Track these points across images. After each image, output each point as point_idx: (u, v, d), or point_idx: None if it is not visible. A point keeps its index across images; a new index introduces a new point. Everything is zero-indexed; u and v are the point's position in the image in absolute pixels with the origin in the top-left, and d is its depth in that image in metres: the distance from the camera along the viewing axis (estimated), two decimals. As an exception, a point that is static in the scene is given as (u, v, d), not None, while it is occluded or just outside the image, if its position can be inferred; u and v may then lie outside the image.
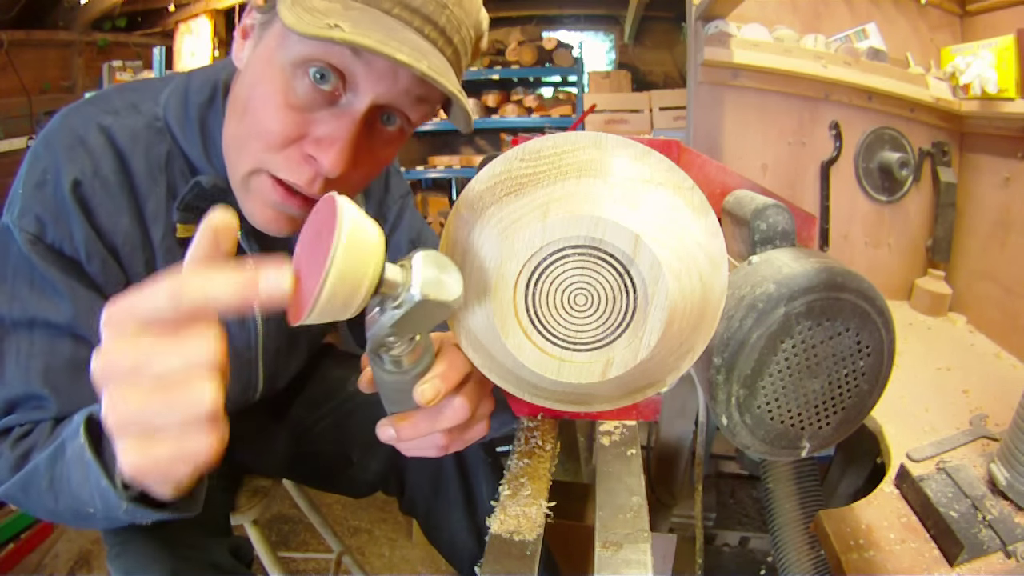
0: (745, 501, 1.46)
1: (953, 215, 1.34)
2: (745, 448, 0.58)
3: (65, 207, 0.57)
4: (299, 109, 0.51)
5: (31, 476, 0.53)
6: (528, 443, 0.65)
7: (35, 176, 0.57)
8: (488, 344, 0.54)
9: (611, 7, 3.96)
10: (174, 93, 0.63)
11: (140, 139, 0.60)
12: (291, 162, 0.53)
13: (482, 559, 0.48)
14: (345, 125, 0.51)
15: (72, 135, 0.58)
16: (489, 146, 3.96)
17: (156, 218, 0.62)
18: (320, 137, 0.52)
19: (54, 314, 0.57)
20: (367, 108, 0.51)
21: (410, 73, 0.49)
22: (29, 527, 1.53)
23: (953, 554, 0.65)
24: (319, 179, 0.53)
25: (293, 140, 0.52)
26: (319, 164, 0.52)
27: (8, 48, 2.62)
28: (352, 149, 0.52)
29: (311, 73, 0.50)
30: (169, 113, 0.62)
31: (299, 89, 0.51)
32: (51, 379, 0.57)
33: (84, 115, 0.60)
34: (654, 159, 0.50)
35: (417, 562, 1.60)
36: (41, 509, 0.54)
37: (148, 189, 0.61)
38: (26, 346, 0.57)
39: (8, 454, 0.55)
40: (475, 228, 0.50)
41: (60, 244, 0.57)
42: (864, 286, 0.54)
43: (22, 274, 0.57)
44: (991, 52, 1.20)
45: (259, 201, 0.57)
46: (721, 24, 1.29)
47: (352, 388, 0.89)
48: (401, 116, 0.55)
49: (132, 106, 0.62)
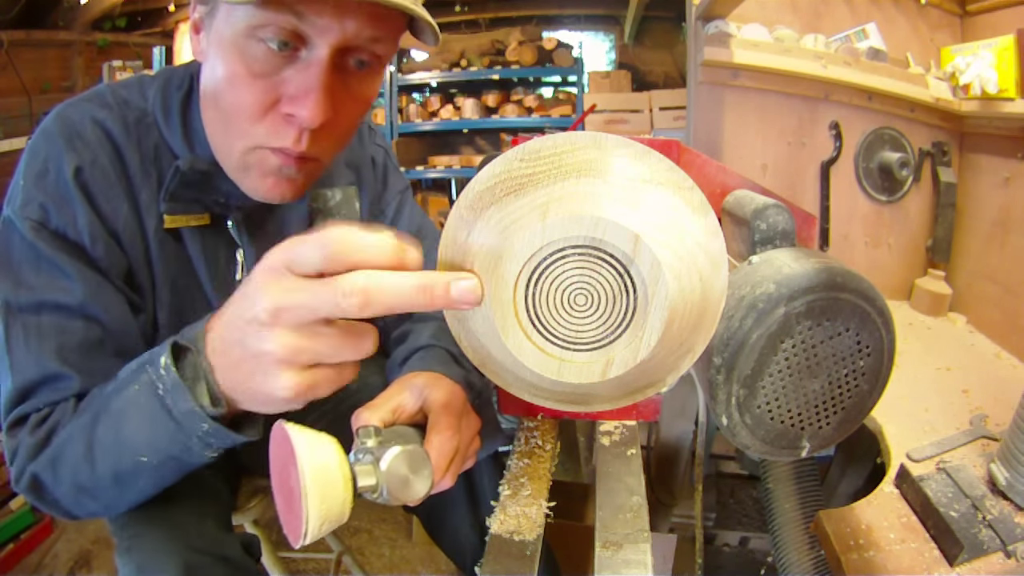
0: (745, 501, 1.46)
1: (953, 215, 1.34)
2: (745, 448, 0.58)
3: (68, 193, 0.58)
4: (265, 75, 0.53)
5: (62, 448, 0.53)
6: (528, 443, 0.65)
7: (36, 167, 0.59)
8: (488, 344, 0.54)
9: (611, 7, 3.96)
10: (159, 88, 0.64)
11: (132, 133, 0.62)
12: (274, 127, 0.54)
13: (482, 559, 0.48)
14: (313, 75, 0.52)
15: (70, 127, 0.59)
16: (489, 146, 3.96)
17: (149, 210, 0.63)
18: (293, 94, 0.53)
19: (64, 296, 0.57)
20: (329, 55, 0.52)
21: (357, 8, 0.50)
22: (29, 527, 1.53)
23: (953, 554, 0.65)
24: (304, 134, 0.55)
25: (269, 106, 0.54)
26: (299, 119, 0.53)
27: (8, 48, 2.62)
28: (327, 97, 0.53)
29: (265, 39, 0.51)
30: (156, 107, 0.63)
31: (258, 57, 0.52)
32: (66, 357, 0.57)
33: (79, 110, 0.61)
34: (654, 159, 0.50)
35: (417, 562, 1.60)
36: (68, 484, 0.54)
37: (141, 181, 0.62)
38: (35, 330, 0.57)
39: (28, 440, 0.55)
40: (475, 228, 0.50)
41: (64, 229, 0.58)
42: (864, 286, 0.54)
43: (28, 261, 0.58)
44: (991, 52, 1.20)
45: (258, 173, 0.58)
46: (721, 24, 1.29)
47: (352, 386, 0.89)
48: (367, 54, 0.55)
49: (124, 101, 0.63)
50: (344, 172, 0.79)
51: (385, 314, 0.37)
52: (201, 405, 0.45)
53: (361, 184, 0.80)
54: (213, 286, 0.67)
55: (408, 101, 3.85)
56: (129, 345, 0.61)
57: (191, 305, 0.68)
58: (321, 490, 0.38)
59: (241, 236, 0.67)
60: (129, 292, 0.62)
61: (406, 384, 0.57)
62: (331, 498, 0.39)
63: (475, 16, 4.01)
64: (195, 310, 0.68)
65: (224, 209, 0.65)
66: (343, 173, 0.79)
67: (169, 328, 0.66)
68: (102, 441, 0.51)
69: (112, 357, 0.59)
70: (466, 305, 0.39)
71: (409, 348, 0.71)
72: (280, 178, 0.59)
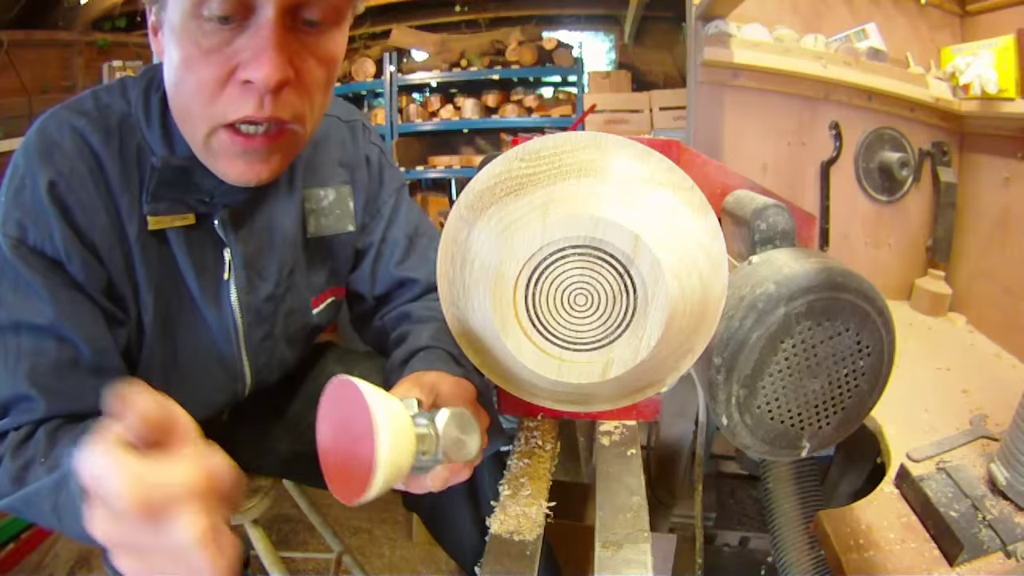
0: (745, 501, 1.46)
1: (953, 215, 1.34)
2: (745, 448, 0.58)
3: (43, 208, 0.58)
4: (216, 50, 0.53)
5: (33, 496, 0.54)
6: (528, 443, 0.66)
7: (15, 184, 0.59)
8: (488, 344, 0.54)
9: (611, 7, 3.95)
10: (141, 90, 0.64)
11: (113, 138, 0.62)
12: (233, 98, 0.54)
13: (482, 559, 0.48)
14: (264, 36, 0.52)
15: (46, 140, 0.60)
16: (489, 146, 3.95)
17: (131, 215, 0.63)
18: (246, 60, 0.53)
19: (38, 317, 0.58)
20: (275, 14, 0.52)
21: None
22: (29, 527, 1.53)
23: (953, 554, 0.65)
24: (266, 98, 0.54)
25: (225, 78, 0.54)
26: (256, 82, 0.53)
27: (8, 48, 2.62)
28: (280, 55, 0.52)
29: (209, 15, 0.51)
30: (138, 109, 0.64)
31: (207, 33, 0.52)
32: (37, 380, 0.58)
33: (58, 119, 0.61)
34: (654, 159, 0.50)
35: (417, 562, 1.60)
36: (44, 523, 0.56)
37: (122, 186, 0.62)
38: (13, 349, 0.58)
39: (9, 464, 0.56)
40: (475, 228, 0.50)
41: (41, 245, 0.58)
42: (864, 286, 0.54)
43: (7, 279, 0.59)
44: (991, 52, 1.20)
45: (224, 157, 0.58)
46: (721, 24, 1.29)
47: None
48: (318, 10, 0.55)
49: (105, 106, 0.63)
50: (337, 171, 0.78)
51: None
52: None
53: (355, 183, 0.80)
54: (200, 286, 0.67)
55: (408, 101, 3.85)
56: (106, 363, 0.61)
57: (178, 307, 0.68)
58: (393, 439, 0.39)
59: (228, 235, 0.67)
60: (108, 305, 0.63)
61: (416, 381, 0.56)
62: (401, 450, 0.40)
63: (475, 16, 4.00)
64: (182, 312, 0.68)
65: (209, 208, 0.65)
66: (336, 172, 0.78)
67: (156, 332, 0.66)
68: (65, 507, 0.51)
69: (88, 376, 0.60)
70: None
71: (409, 349, 0.71)
72: (249, 160, 0.58)
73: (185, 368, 0.70)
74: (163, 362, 0.69)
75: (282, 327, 0.76)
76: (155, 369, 0.68)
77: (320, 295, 0.81)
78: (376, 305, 0.85)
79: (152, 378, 0.68)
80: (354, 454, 0.39)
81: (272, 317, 0.74)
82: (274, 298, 0.73)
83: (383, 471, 0.38)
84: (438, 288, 0.55)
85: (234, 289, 0.69)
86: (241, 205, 0.67)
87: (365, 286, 0.84)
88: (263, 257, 0.71)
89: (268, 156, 0.59)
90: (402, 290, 0.83)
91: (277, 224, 0.72)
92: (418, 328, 0.75)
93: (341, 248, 0.80)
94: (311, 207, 0.76)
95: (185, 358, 0.70)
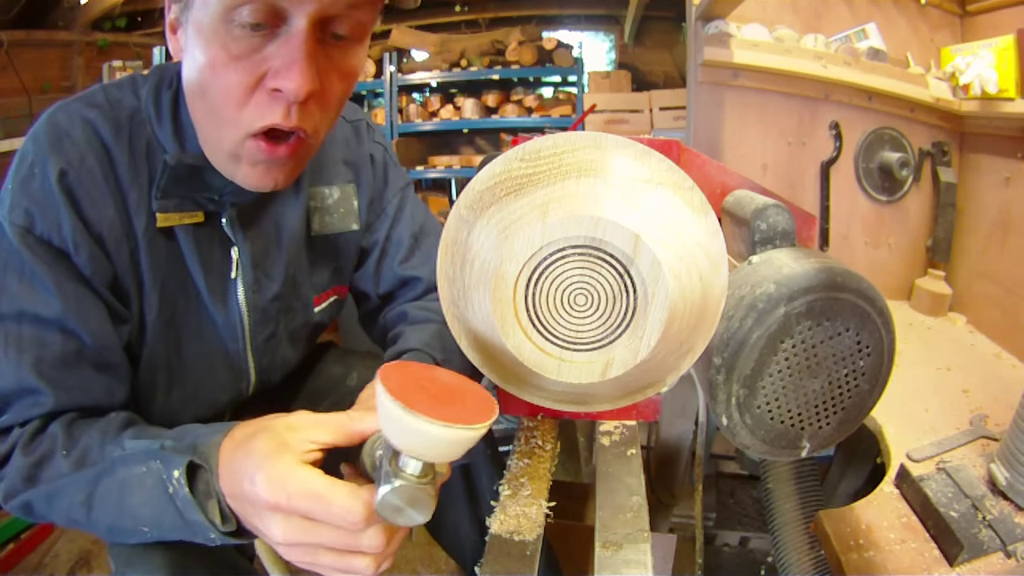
0: (745, 501, 1.46)
1: (953, 215, 1.34)
2: (745, 448, 0.58)
3: (52, 198, 0.58)
4: (246, 56, 0.52)
5: (62, 488, 0.54)
6: (528, 443, 0.65)
7: (23, 172, 0.59)
8: (488, 344, 0.54)
9: (611, 7, 3.96)
10: (151, 86, 0.64)
11: (123, 131, 0.62)
12: (262, 105, 0.54)
13: (482, 559, 0.48)
14: (295, 47, 0.52)
15: (57, 130, 0.60)
16: (489, 146, 3.96)
17: (139, 209, 0.62)
18: (277, 68, 0.53)
19: (43, 308, 0.58)
20: (308, 26, 0.52)
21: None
22: (29, 527, 1.53)
23: (953, 554, 0.65)
24: (293, 108, 0.54)
25: (254, 85, 0.54)
26: (286, 92, 0.53)
27: (8, 48, 2.62)
28: (311, 66, 0.52)
29: (241, 21, 0.51)
30: (148, 105, 0.63)
31: (237, 39, 0.52)
32: (43, 371, 0.57)
33: (69, 111, 0.61)
34: (654, 159, 0.50)
35: (417, 562, 1.60)
36: (62, 517, 0.56)
37: (131, 180, 0.62)
38: (15, 339, 0.58)
39: (21, 460, 0.55)
40: (475, 228, 0.50)
41: (49, 235, 0.58)
42: (864, 286, 0.54)
43: (12, 268, 0.58)
44: (991, 52, 1.20)
45: (248, 163, 0.58)
46: (721, 24, 1.29)
47: (352, 384, 0.89)
48: (347, 24, 0.55)
49: (115, 100, 0.63)
50: (342, 170, 0.78)
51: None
52: (212, 522, 0.49)
53: (360, 182, 0.80)
54: (207, 285, 0.67)
55: (408, 101, 3.86)
56: (110, 358, 0.61)
57: (184, 305, 0.68)
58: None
59: (236, 233, 0.67)
60: (112, 301, 0.62)
61: None
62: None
63: (475, 16, 4.01)
64: (188, 310, 0.68)
65: (217, 206, 0.65)
66: (341, 171, 0.78)
67: (160, 331, 0.66)
68: (103, 497, 0.53)
69: (91, 371, 0.60)
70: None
71: (398, 351, 0.72)
72: (270, 166, 0.59)
73: (190, 367, 0.70)
74: (168, 361, 0.69)
75: (284, 325, 0.76)
76: (159, 367, 0.68)
77: (323, 293, 0.81)
78: (381, 303, 0.85)
79: (157, 376, 0.68)
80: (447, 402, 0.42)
81: (277, 316, 0.74)
82: (280, 297, 0.73)
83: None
84: (438, 288, 0.55)
85: (241, 288, 0.69)
86: (249, 204, 0.68)
87: (370, 285, 0.84)
88: (270, 256, 0.71)
89: (286, 164, 0.59)
90: (405, 289, 0.83)
91: (284, 224, 0.72)
92: (410, 330, 0.75)
93: (345, 246, 0.80)
94: (315, 205, 0.76)
95: (190, 357, 0.70)
